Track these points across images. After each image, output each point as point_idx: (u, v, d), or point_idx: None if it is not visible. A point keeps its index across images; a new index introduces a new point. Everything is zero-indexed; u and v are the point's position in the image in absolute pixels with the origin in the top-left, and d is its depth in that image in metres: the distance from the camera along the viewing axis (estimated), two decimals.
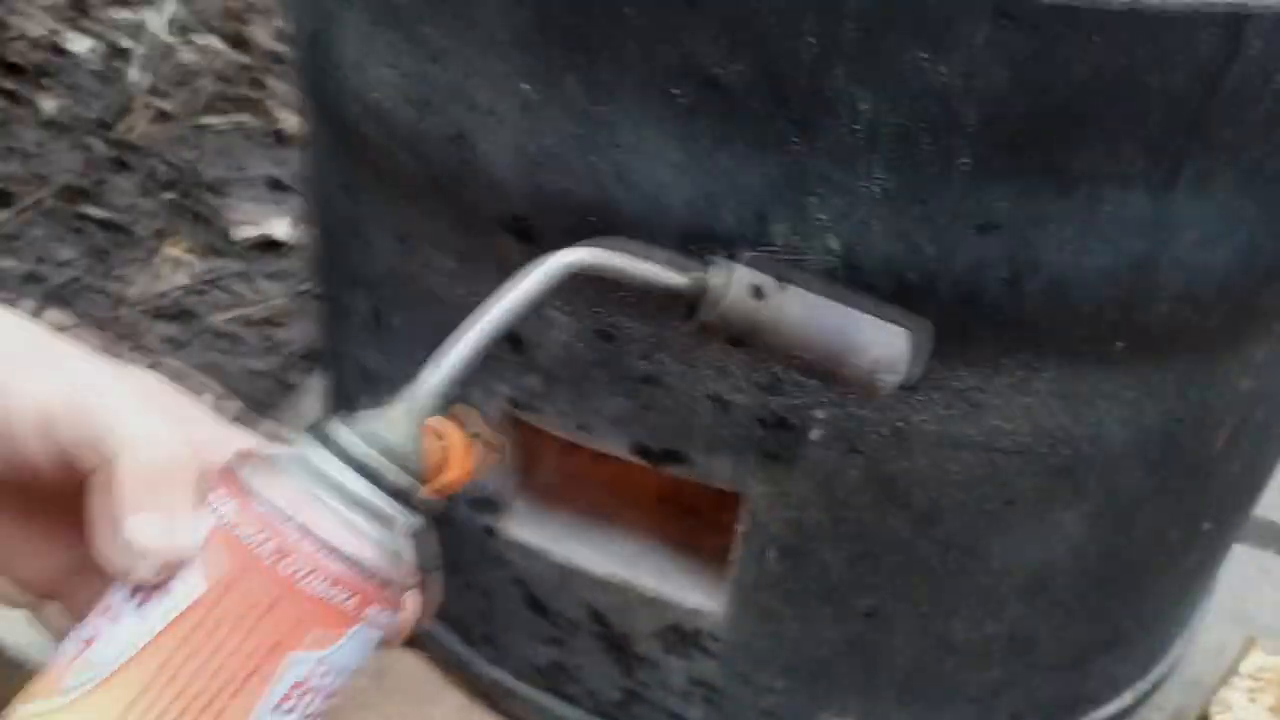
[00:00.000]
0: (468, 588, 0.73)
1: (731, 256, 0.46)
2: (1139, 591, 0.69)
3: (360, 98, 0.59)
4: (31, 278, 1.31)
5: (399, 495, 0.36)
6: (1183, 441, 0.60)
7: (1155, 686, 0.81)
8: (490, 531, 0.69)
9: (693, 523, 0.72)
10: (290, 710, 0.34)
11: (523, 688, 0.75)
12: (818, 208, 0.50)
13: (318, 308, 0.81)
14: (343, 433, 0.36)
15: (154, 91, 1.63)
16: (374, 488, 0.35)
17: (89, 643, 0.34)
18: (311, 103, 0.67)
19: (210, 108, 1.62)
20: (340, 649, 0.35)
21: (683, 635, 0.67)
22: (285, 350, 1.28)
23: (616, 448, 0.61)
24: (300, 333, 1.30)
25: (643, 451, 0.60)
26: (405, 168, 0.58)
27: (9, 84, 1.58)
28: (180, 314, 1.31)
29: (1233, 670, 0.78)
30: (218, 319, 1.31)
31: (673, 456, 0.60)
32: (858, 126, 0.47)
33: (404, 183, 0.60)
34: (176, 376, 0.41)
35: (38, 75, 1.63)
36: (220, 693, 0.33)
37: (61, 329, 0.40)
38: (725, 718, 0.70)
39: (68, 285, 1.32)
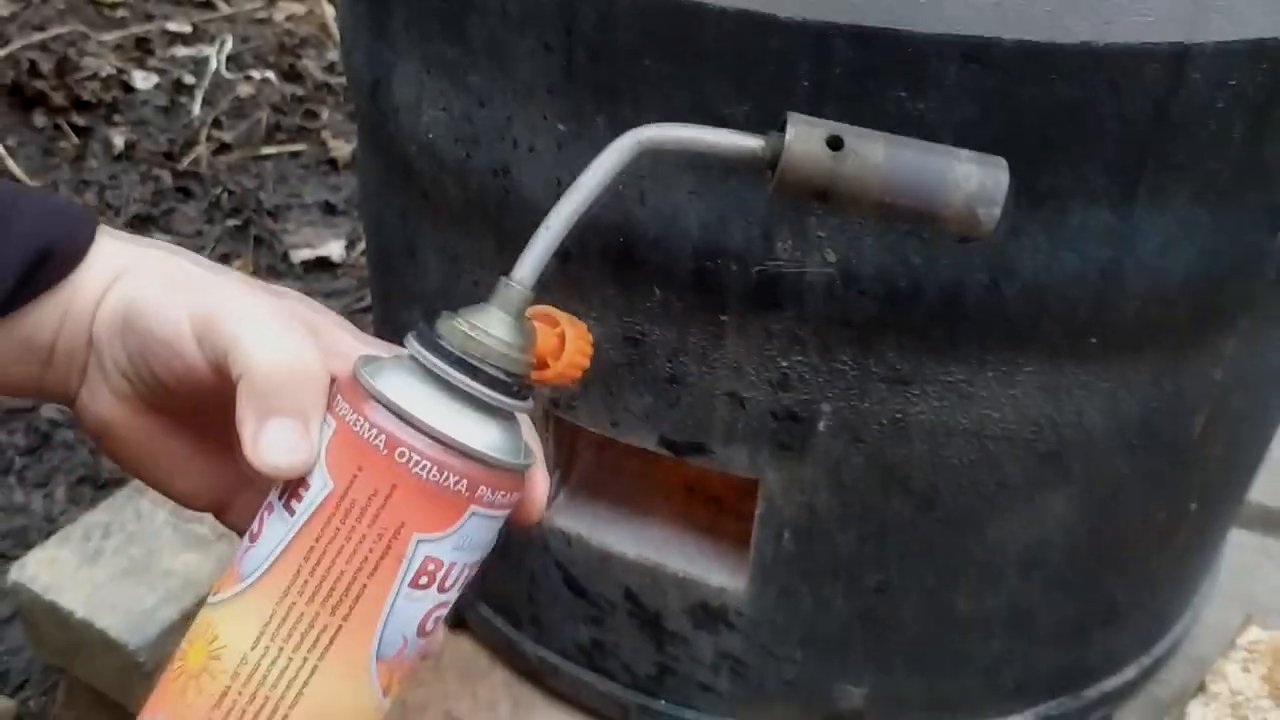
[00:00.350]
0: (515, 573, 0.81)
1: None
2: (1130, 568, 0.75)
3: (415, 137, 0.66)
4: None
5: (498, 384, 0.38)
6: (1161, 428, 0.66)
7: (1158, 662, 0.86)
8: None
9: (716, 510, 0.79)
10: (427, 586, 0.38)
11: (565, 665, 0.83)
12: (815, 226, 0.57)
13: (373, 323, 0.89)
14: (445, 329, 0.39)
15: (215, 124, 1.73)
16: (474, 379, 0.38)
17: (254, 538, 0.39)
18: (370, 141, 0.75)
19: (268, 138, 1.72)
20: (461, 529, 0.38)
21: (710, 612, 0.74)
22: None
23: (644, 441, 0.68)
24: None
25: (668, 444, 0.67)
26: (454, 197, 0.66)
27: (81, 120, 1.69)
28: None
29: (1230, 644, 0.83)
30: None
31: (695, 448, 0.67)
32: None
33: (453, 210, 0.67)
34: None
35: (108, 112, 1.74)
36: (359, 573, 0.37)
37: None
38: (750, 688, 0.77)
39: None
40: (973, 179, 0.41)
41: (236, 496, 0.47)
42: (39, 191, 0.46)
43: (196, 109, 1.74)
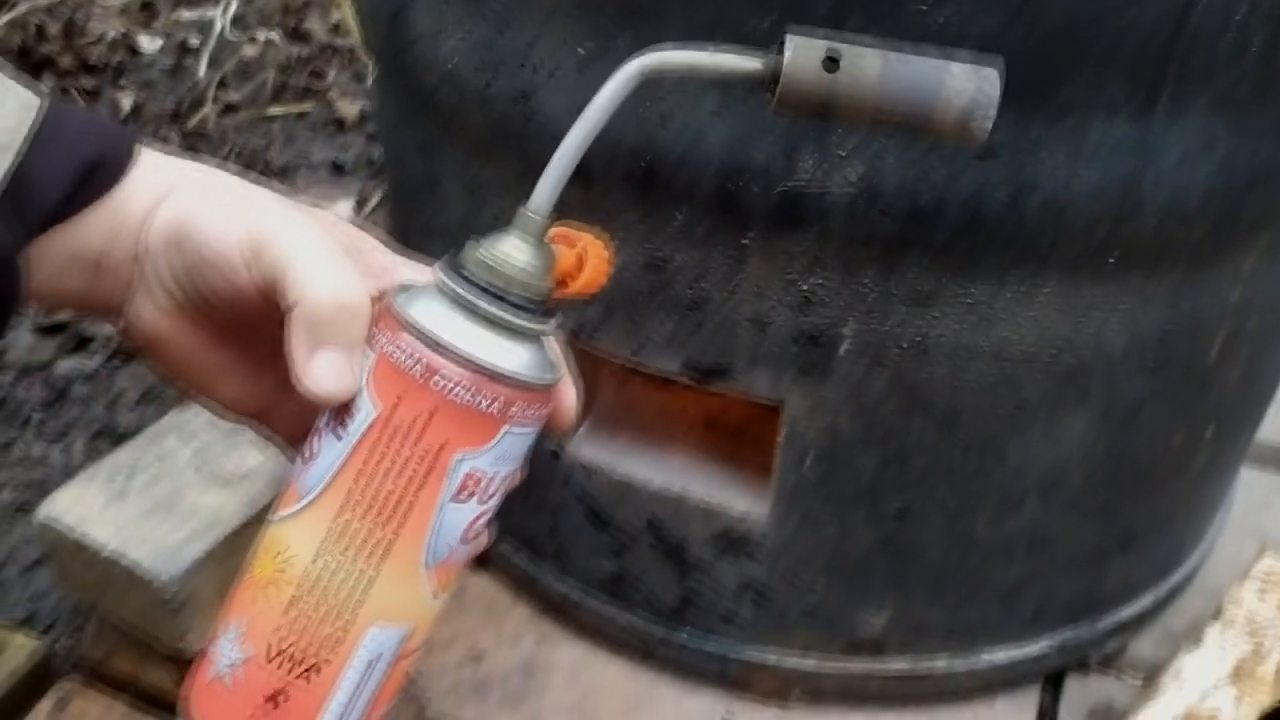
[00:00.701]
0: (537, 509, 0.82)
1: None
2: (1148, 492, 0.76)
3: (435, 67, 0.67)
4: None
5: (522, 308, 0.41)
6: (1178, 348, 0.67)
7: (1173, 593, 0.87)
8: (556, 454, 0.77)
9: (737, 441, 0.80)
10: (470, 497, 0.42)
11: (587, 599, 0.84)
12: (838, 144, 0.57)
13: None
14: (469, 259, 0.41)
15: (221, 85, 1.73)
16: (499, 306, 0.41)
17: (308, 459, 0.42)
18: (388, 76, 0.76)
19: (274, 99, 1.72)
20: (498, 444, 0.41)
21: (732, 540, 0.75)
22: None
23: (667, 367, 0.69)
24: None
25: (691, 370, 0.68)
26: (476, 125, 0.67)
27: (89, 83, 1.69)
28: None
29: (1246, 572, 0.84)
30: None
31: (718, 373, 0.68)
32: None
33: (474, 139, 0.68)
34: None
35: (114, 74, 1.74)
36: (406, 490, 0.41)
37: None
38: (773, 616, 0.78)
39: None
40: (965, 91, 0.43)
41: (278, 405, 0.48)
42: (79, 108, 0.47)
43: (202, 70, 1.74)
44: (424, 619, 0.44)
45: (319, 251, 0.42)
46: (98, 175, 0.44)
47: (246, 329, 0.46)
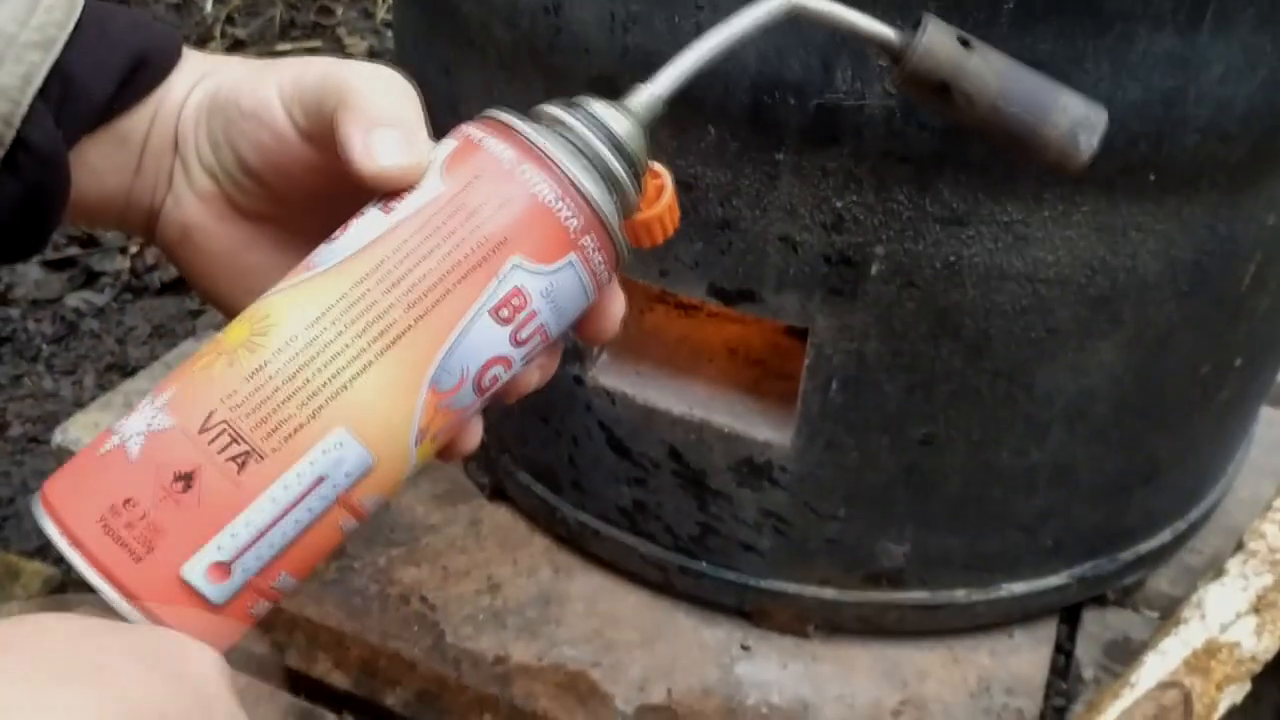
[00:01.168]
0: (556, 436, 0.81)
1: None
2: (1173, 424, 0.75)
3: None
4: None
5: (626, 161, 0.39)
6: (1212, 274, 0.66)
7: (1192, 528, 0.87)
8: (579, 380, 0.76)
9: (760, 371, 0.79)
10: (505, 321, 0.37)
11: (606, 528, 0.83)
12: (877, 55, 0.56)
13: None
14: (583, 102, 0.39)
15: (229, 21, 1.71)
16: (607, 148, 0.38)
17: (334, 237, 0.38)
18: None
19: (282, 35, 1.70)
20: (559, 272, 0.37)
21: (754, 468, 0.74)
22: None
23: (694, 290, 0.68)
24: None
25: (718, 292, 0.67)
26: (502, 40, 0.65)
27: None
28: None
29: (1268, 506, 0.83)
30: None
31: (745, 296, 0.67)
32: None
33: (500, 56, 0.66)
34: None
35: None
36: (446, 276, 0.36)
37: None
38: (793, 546, 0.78)
39: None
40: (1079, 108, 0.45)
41: None
42: (123, 6, 0.46)
43: (209, 6, 1.72)
44: (392, 463, 0.36)
45: (360, 68, 0.40)
46: (143, 73, 0.43)
47: (286, 217, 0.44)
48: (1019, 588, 0.81)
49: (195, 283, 0.47)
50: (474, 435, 0.41)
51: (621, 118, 0.40)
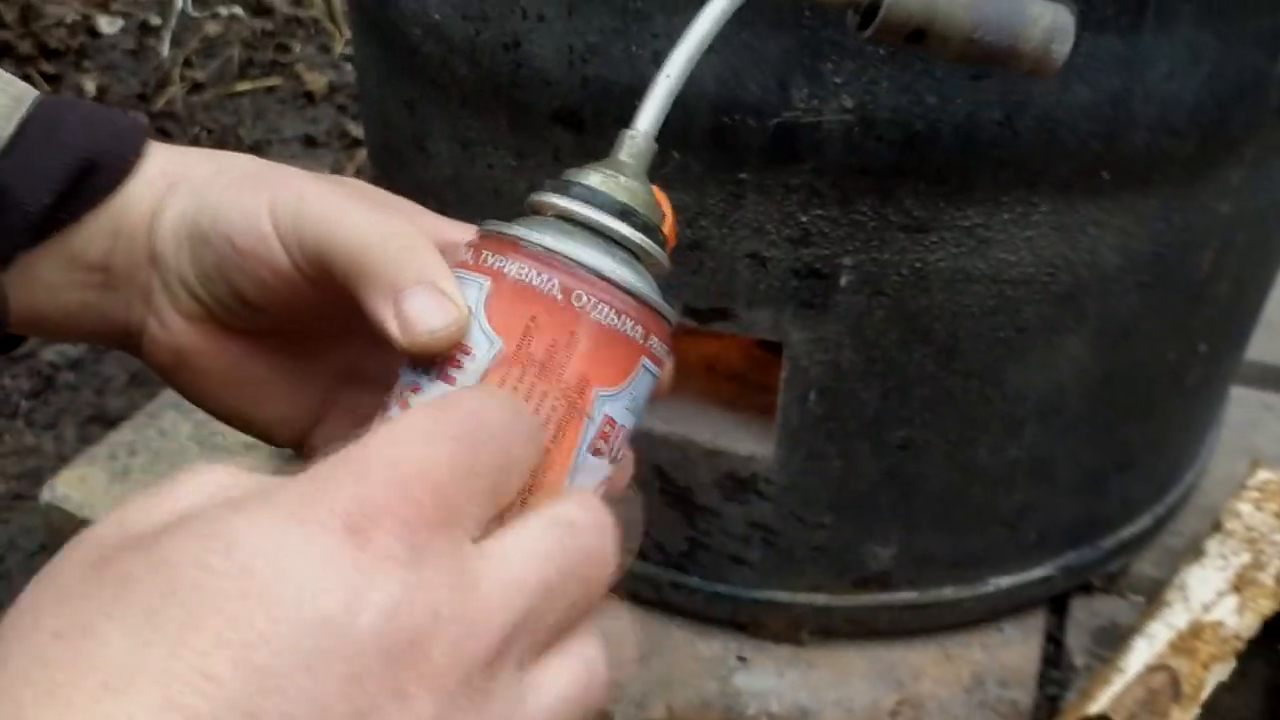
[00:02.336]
0: None
1: None
2: (1144, 411, 0.77)
3: (420, 20, 0.66)
4: None
5: (652, 232, 0.36)
6: (1171, 264, 0.68)
7: (1171, 511, 0.89)
8: None
9: (738, 386, 0.80)
10: (603, 452, 0.35)
11: None
12: (832, 72, 0.57)
13: None
14: (587, 178, 0.36)
15: (186, 64, 1.71)
16: (632, 227, 0.36)
17: (392, 420, 0.34)
18: (370, 34, 0.75)
19: (241, 75, 1.71)
20: (635, 382, 0.35)
21: (739, 481, 0.75)
22: None
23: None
24: None
25: (692, 312, 0.68)
26: (464, 78, 0.66)
27: (50, 68, 1.67)
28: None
29: (1241, 485, 0.85)
30: None
31: (719, 314, 0.68)
32: None
33: (463, 92, 0.67)
34: None
35: (76, 58, 1.72)
36: (546, 438, 0.34)
37: None
38: (782, 556, 0.79)
39: None
40: (1045, 17, 0.44)
41: (323, 422, 0.43)
42: (83, 101, 0.42)
43: (165, 50, 1.72)
44: None
45: (359, 204, 0.37)
46: (94, 177, 0.40)
47: (284, 330, 0.41)
48: (1006, 581, 0.82)
49: (197, 401, 0.43)
50: None
51: (630, 181, 0.37)
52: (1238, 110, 0.62)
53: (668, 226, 0.39)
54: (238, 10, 1.82)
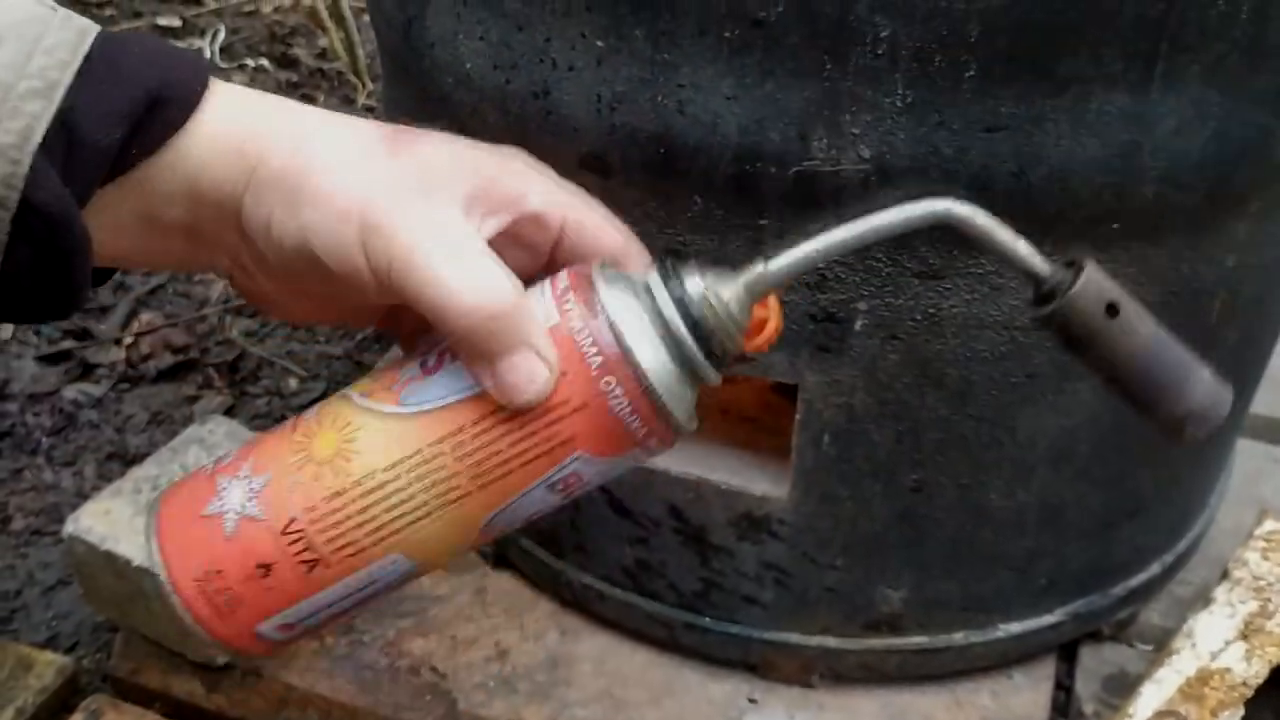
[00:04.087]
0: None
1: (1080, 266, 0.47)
2: (1153, 459, 0.78)
3: (452, 70, 0.69)
4: (121, 287, 1.42)
5: (717, 358, 0.40)
6: (1179, 314, 0.69)
7: (1180, 559, 0.90)
8: None
9: (752, 428, 0.81)
10: (558, 490, 0.41)
11: (610, 589, 0.85)
12: (850, 123, 0.59)
13: None
14: (692, 282, 0.40)
15: None
16: (701, 347, 0.40)
17: (427, 370, 0.41)
18: (401, 83, 0.78)
19: None
20: (616, 463, 0.40)
21: (753, 521, 0.77)
22: (356, 335, 1.38)
23: None
24: None
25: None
26: (494, 125, 0.69)
27: None
28: (258, 311, 1.42)
29: (1249, 535, 0.86)
30: None
31: (737, 356, 0.69)
32: (880, 50, 0.57)
33: (493, 138, 0.69)
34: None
35: None
36: (514, 459, 0.40)
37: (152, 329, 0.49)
38: (794, 597, 0.80)
39: (154, 292, 1.44)
40: (1204, 399, 0.46)
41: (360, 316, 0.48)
42: (145, 36, 0.42)
43: None
44: (438, 564, 0.43)
45: (444, 254, 0.39)
46: (163, 111, 0.40)
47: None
48: (1015, 627, 0.83)
49: (268, 314, 0.49)
50: None
51: (727, 301, 0.41)
52: (1243, 166, 0.64)
53: (764, 337, 0.45)
54: (264, 62, 1.86)
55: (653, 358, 0.39)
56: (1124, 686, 0.84)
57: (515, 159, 0.47)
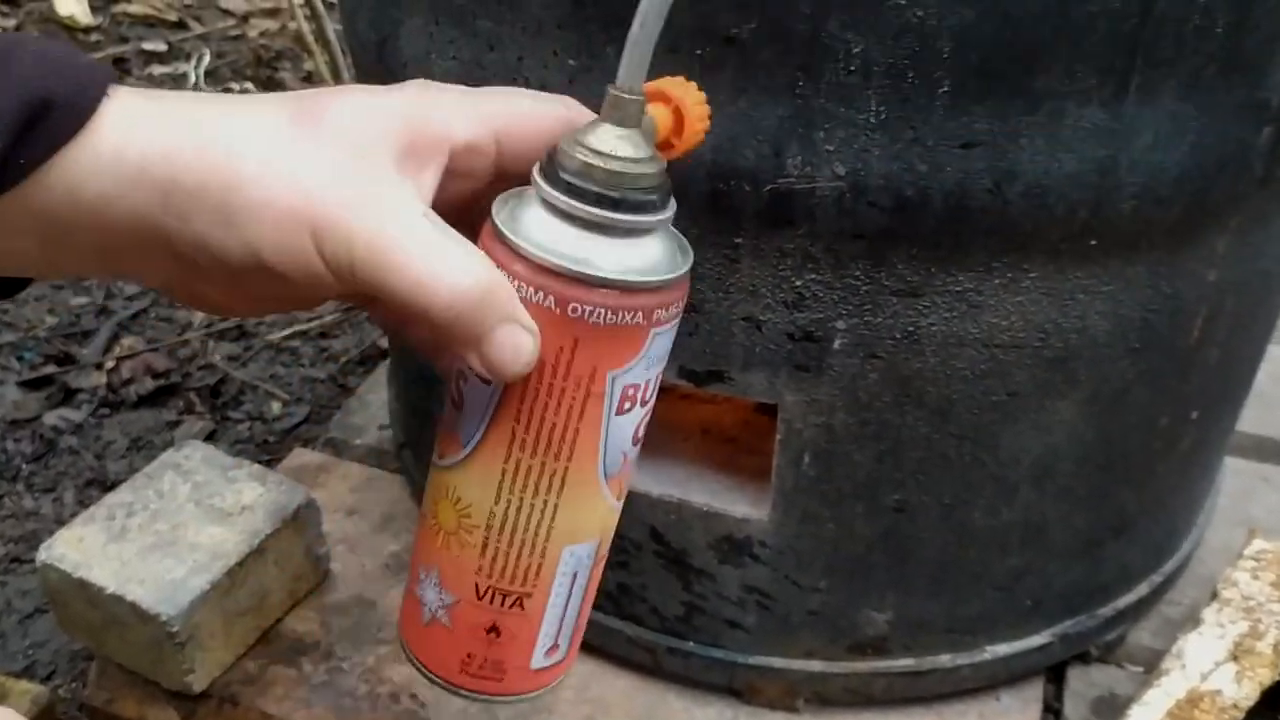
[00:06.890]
0: None
1: None
2: (1138, 477, 0.77)
3: None
4: (103, 311, 1.41)
5: (643, 206, 0.38)
6: (1160, 330, 0.69)
7: (1168, 580, 0.89)
8: None
9: (732, 449, 0.81)
10: (630, 407, 0.42)
11: (592, 614, 0.84)
12: (824, 140, 0.59)
13: None
14: (570, 164, 0.37)
15: None
16: (619, 207, 0.37)
17: (458, 405, 0.42)
18: None
19: None
20: (646, 353, 0.40)
21: (734, 544, 0.76)
22: (340, 358, 1.37)
23: (665, 373, 0.70)
24: (352, 341, 1.40)
25: (688, 374, 0.69)
26: None
27: None
28: (241, 335, 1.41)
29: (1238, 555, 0.85)
30: (275, 336, 1.41)
31: (714, 376, 0.69)
32: (852, 67, 0.56)
33: None
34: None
35: None
36: (569, 421, 0.40)
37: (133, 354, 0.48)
38: (777, 621, 0.79)
39: (136, 316, 1.43)
40: None
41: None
42: (39, 37, 0.41)
43: None
44: (609, 524, 0.46)
45: (408, 248, 0.38)
46: (47, 117, 0.37)
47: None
48: (1002, 649, 0.82)
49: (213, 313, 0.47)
50: None
51: (617, 142, 0.39)
52: (1222, 180, 0.63)
53: (689, 136, 0.41)
54: (250, 86, 1.86)
55: (587, 252, 0.37)
56: (1113, 709, 0.83)
57: (425, 91, 0.44)
